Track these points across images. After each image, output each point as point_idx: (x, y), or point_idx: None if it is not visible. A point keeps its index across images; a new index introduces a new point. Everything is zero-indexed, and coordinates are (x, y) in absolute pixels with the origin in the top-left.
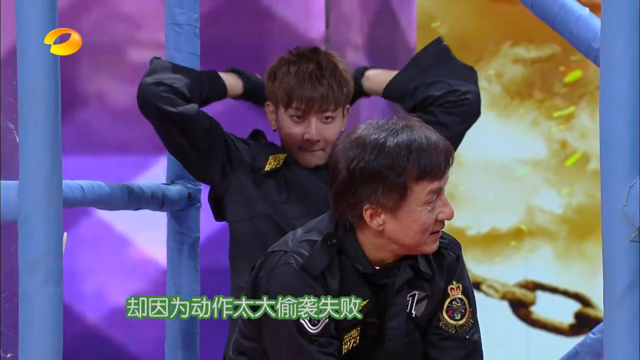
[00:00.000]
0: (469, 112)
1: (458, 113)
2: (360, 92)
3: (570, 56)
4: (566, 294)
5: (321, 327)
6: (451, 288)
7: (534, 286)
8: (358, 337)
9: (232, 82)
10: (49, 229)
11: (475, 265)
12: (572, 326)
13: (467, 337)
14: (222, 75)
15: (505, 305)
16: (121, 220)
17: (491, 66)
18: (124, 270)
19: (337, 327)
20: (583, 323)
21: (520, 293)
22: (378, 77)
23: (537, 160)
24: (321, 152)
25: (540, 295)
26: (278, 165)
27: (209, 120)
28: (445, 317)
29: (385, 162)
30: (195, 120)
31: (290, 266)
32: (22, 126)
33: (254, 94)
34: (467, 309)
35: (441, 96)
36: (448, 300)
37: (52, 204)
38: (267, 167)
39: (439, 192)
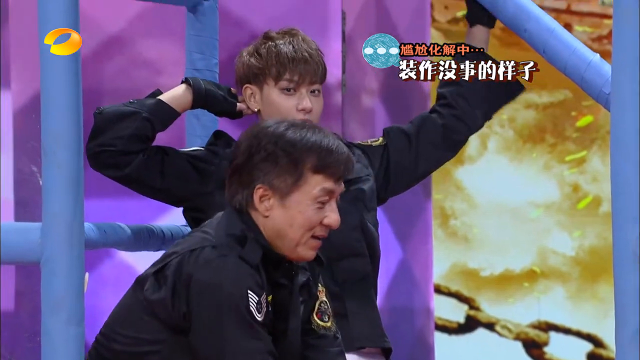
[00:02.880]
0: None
1: (445, 146)
2: None
3: (582, 101)
4: (579, 334)
5: (263, 315)
6: (319, 291)
7: (547, 327)
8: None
9: (180, 99)
10: (71, 269)
11: (489, 306)
12: None
13: (337, 337)
14: (169, 95)
15: (518, 346)
16: (142, 261)
17: (504, 111)
18: None
19: None
20: None
21: (534, 333)
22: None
23: (550, 203)
24: None
25: (553, 335)
26: None
27: (159, 162)
28: (316, 319)
29: (285, 145)
30: (145, 173)
31: (230, 257)
32: (45, 169)
33: (206, 102)
34: (330, 312)
35: (455, 125)
36: (317, 302)
37: (74, 246)
38: None
39: (331, 195)
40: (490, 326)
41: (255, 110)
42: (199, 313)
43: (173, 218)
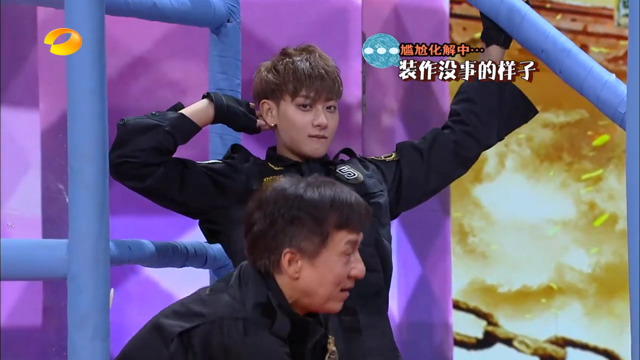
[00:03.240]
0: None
1: (455, 160)
2: None
3: (598, 121)
4: (596, 350)
5: None
6: (328, 342)
7: (564, 342)
8: None
9: (201, 114)
10: (96, 285)
11: (507, 322)
12: None
13: None
14: (190, 110)
15: None
16: (167, 277)
17: (521, 130)
18: None
19: None
20: None
21: (551, 349)
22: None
23: (567, 220)
24: (324, 140)
25: (570, 351)
26: None
27: (179, 175)
28: None
29: (307, 207)
30: (165, 185)
31: (264, 332)
32: (72, 187)
33: (227, 118)
34: None
35: (466, 139)
36: (327, 355)
37: (100, 262)
38: None
39: (354, 246)
40: (508, 341)
41: (272, 125)
42: None
43: (196, 235)
